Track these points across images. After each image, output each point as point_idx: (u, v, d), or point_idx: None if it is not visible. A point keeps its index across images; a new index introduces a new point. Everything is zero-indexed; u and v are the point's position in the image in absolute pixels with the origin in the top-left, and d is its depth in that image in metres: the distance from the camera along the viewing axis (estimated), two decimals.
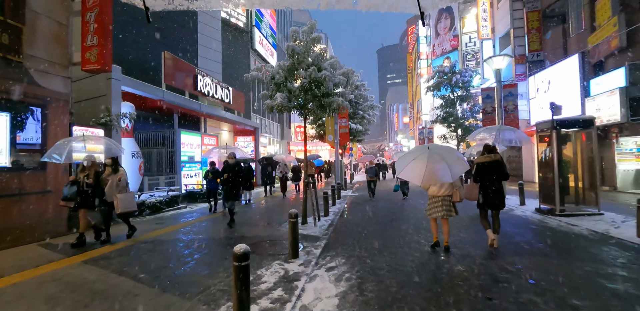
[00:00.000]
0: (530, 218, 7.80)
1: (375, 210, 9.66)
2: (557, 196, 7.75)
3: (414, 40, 58.57)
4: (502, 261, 4.49)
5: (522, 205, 9.53)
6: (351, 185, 19.84)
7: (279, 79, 6.91)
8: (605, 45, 12.26)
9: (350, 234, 6.49)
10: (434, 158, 4.39)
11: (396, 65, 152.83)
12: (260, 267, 4.39)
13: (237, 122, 17.34)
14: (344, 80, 6.83)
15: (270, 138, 24.95)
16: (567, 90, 14.72)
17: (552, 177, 7.85)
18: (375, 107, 19.74)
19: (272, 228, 7.07)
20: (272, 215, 8.86)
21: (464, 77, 16.87)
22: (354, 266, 4.42)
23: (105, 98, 8.33)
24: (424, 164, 4.34)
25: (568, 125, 7.84)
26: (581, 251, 5.04)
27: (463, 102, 17.46)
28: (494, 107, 11.77)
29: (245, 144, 19.57)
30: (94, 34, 6.56)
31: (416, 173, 4.38)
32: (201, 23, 16.31)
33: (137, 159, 9.80)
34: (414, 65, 56.49)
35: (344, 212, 9.48)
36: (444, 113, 18.04)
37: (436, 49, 40.38)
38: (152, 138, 12.37)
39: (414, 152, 4.78)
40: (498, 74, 11.41)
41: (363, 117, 18.81)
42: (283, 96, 6.73)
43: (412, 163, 4.50)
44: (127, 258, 4.90)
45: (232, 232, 6.73)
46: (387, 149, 77.84)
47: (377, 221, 7.82)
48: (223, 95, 15.92)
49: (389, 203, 10.95)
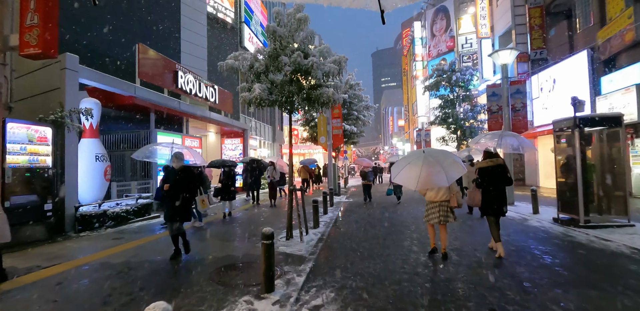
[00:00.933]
0: (551, 231, 6.76)
1: (371, 219, 8.57)
2: (582, 204, 6.73)
3: (409, 43, 58.04)
4: (542, 296, 3.42)
5: (536, 214, 8.51)
6: (345, 189, 18.77)
7: (259, 68, 5.83)
8: (618, 39, 11.38)
9: (343, 252, 5.39)
10: (428, 162, 4.36)
11: (390, 68, 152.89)
12: (221, 308, 3.27)
13: (224, 123, 16.21)
14: (336, 69, 5.75)
15: (260, 141, 23.83)
16: (574, 89, 13.82)
17: (574, 182, 6.85)
18: (371, 107, 18.75)
19: (251, 245, 5.95)
20: (255, 228, 7.70)
21: (464, 76, 15.94)
22: (348, 305, 3.32)
23: (59, 91, 7.17)
24: (419, 168, 4.32)
25: (592, 123, 6.84)
26: (637, 279, 4.00)
27: (463, 102, 16.51)
28: (500, 105, 10.80)
29: (233, 147, 18.42)
30: (35, 11, 5.45)
31: (411, 177, 4.35)
32: (185, 17, 15.23)
33: (101, 163, 8.62)
34: (409, 67, 55.87)
35: (337, 222, 8.39)
36: (443, 114, 17.09)
37: (432, 51, 39.72)
38: (125, 139, 11.18)
39: (409, 157, 4.77)
40: (504, 69, 10.47)
41: (358, 118, 17.79)
42: (262, 87, 5.64)
43: (407, 167, 4.48)
44: None
45: (201, 250, 5.60)
46: (382, 152, 76.98)
47: (374, 234, 6.73)
48: (208, 94, 14.81)
49: (386, 211, 9.88)
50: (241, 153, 18.29)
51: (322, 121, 13.57)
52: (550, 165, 17.20)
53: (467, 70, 16.31)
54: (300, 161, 19.51)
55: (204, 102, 14.81)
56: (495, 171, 4.92)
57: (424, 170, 4.28)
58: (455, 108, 16.79)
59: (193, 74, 13.64)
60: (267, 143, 25.93)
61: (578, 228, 6.70)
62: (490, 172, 4.95)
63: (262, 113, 24.50)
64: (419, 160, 4.44)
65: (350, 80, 18.05)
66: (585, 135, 6.88)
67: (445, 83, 16.59)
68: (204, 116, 14.08)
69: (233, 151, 18.37)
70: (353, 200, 13.34)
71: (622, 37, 11.17)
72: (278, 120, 28.27)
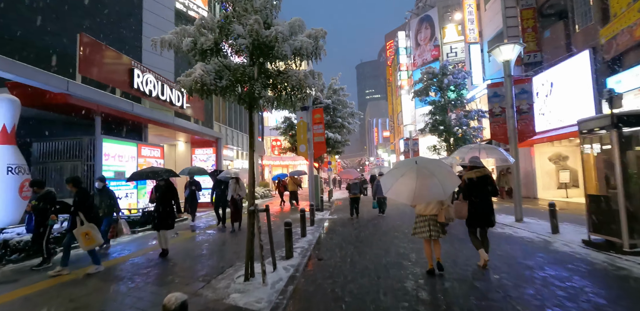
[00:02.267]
0: (592, 260, 5.27)
1: (360, 244, 6.94)
2: (625, 224, 5.28)
3: (393, 53, 57.98)
4: None
5: (556, 234, 7.06)
6: (329, 203, 17.11)
7: (207, 44, 4.21)
8: (625, 36, 10.36)
9: (322, 304, 3.73)
10: (423, 174, 4.13)
11: (375, 80, 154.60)
12: None
13: (193, 130, 14.45)
14: (310, 44, 4.19)
15: (238, 151, 22.06)
16: (574, 92, 12.78)
17: (614, 196, 5.43)
18: (357, 114, 17.37)
19: (185, 291, 4.20)
20: (191, 273, 5.24)
21: (457, 79, 14.75)
22: None
23: None
24: (414, 181, 4.10)
25: (634, 122, 5.48)
26: None
27: (455, 107, 15.30)
28: (503, 107, 9.50)
29: (205, 157, 16.59)
30: None
31: (406, 191, 4.14)
32: (148, 11, 13.62)
33: (16, 175, 6.76)
34: (393, 78, 55.53)
35: (317, 247, 6.72)
36: (433, 121, 15.81)
37: (417, 60, 39.25)
38: (65, 147, 9.30)
39: (401, 168, 4.51)
40: (507, 66, 9.22)
41: (342, 125, 16.36)
42: (208, 69, 4.04)
43: (400, 180, 4.24)
44: None
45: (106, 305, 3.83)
46: (367, 163, 75.97)
47: (364, 268, 5.09)
48: (173, 97, 13.10)
49: (377, 231, 8.27)
50: (214, 165, 16.47)
51: (301, 127, 12.02)
52: (549, 175, 16.03)
53: (459, 73, 15.14)
54: (290, 172, 17.88)
55: (168, 107, 13.08)
56: (482, 182, 4.83)
57: (419, 183, 4.06)
58: (446, 114, 15.55)
59: (155, 74, 11.95)
60: (245, 153, 24.15)
61: (623, 254, 5.24)
62: (477, 183, 4.83)
63: (240, 121, 22.81)
64: (413, 172, 4.18)
65: (333, 84, 16.71)
66: (625, 137, 5.51)
67: (436, 88, 15.37)
68: (167, 122, 12.31)
69: (205, 162, 16.53)
70: (338, 217, 11.68)
71: (630, 33, 10.14)
72: (258, 130, 26.61)
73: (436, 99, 15.70)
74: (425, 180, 4.05)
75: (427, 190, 4.03)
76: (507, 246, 6.29)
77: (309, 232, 8.35)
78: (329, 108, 15.88)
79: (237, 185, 8.82)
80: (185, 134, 15.55)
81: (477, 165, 4.93)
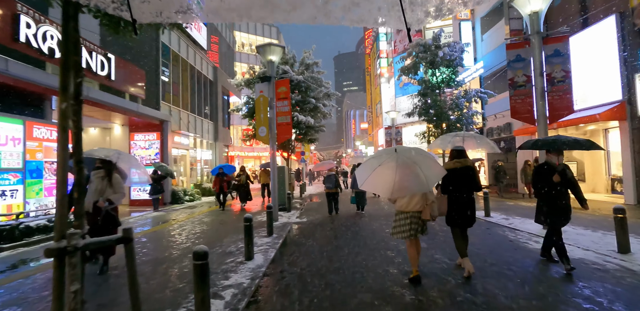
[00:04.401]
0: None
1: (339, 275, 4.33)
2: None
3: (371, 42, 55.64)
4: None
5: (627, 254, 4.73)
6: (301, 200, 14.48)
7: None
8: None
9: None
10: (404, 163, 3.63)
11: (353, 72, 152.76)
12: None
13: (123, 108, 11.31)
14: None
15: (196, 139, 18.90)
16: (594, 67, 10.67)
17: None
18: (333, 95, 14.71)
19: None
20: None
21: (454, 52, 12.30)
22: None
23: None
24: (393, 171, 3.59)
25: None
26: None
27: (450, 87, 12.91)
28: (528, 75, 7.10)
29: (147, 144, 13.49)
30: None
31: (384, 183, 3.67)
32: None
33: None
34: (372, 67, 53.30)
35: (266, 283, 4.06)
36: (422, 103, 13.36)
37: (398, 46, 36.96)
38: None
39: (379, 157, 3.90)
40: (535, 20, 6.81)
41: (316, 107, 13.65)
42: None
43: (378, 170, 3.70)
44: None
45: None
46: (345, 156, 73.86)
47: None
48: (94, 64, 9.96)
49: (362, 244, 5.70)
50: (157, 154, 13.42)
51: (261, 104, 9.23)
52: None
53: (456, 45, 12.68)
54: (261, 164, 15.08)
55: (89, 77, 9.94)
56: (463, 173, 4.18)
57: (399, 173, 3.57)
58: (438, 96, 13.13)
59: (59, 26, 8.74)
60: (207, 142, 21.01)
61: None
62: (457, 175, 4.17)
63: (200, 104, 19.60)
64: (392, 161, 3.67)
65: (306, 58, 13.92)
66: None
67: (426, 63, 12.86)
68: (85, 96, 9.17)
69: (146, 150, 13.46)
70: (308, 219, 9.06)
71: None
72: (222, 117, 23.42)
73: (428, 78, 13.21)
74: (405, 170, 3.60)
75: (408, 181, 3.58)
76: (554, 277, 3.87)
77: (262, 248, 5.67)
78: (300, 86, 13.12)
79: (108, 180, 4.52)
80: (122, 116, 12.41)
81: (459, 150, 4.36)
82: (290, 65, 13.38)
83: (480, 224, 7.17)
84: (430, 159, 3.90)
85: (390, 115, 19.77)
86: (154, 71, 14.26)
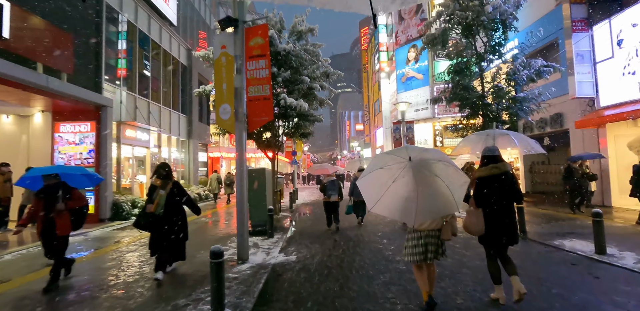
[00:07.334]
0: None
1: None
2: None
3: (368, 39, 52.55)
4: None
5: None
6: (291, 213, 10.85)
7: None
8: None
9: None
10: (424, 179, 2.80)
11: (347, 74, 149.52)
12: None
13: (27, 83, 7.59)
14: None
15: (161, 135, 15.14)
16: None
17: None
18: (333, 74, 11.14)
19: None
20: None
21: (508, 8, 8.71)
22: None
23: None
24: (411, 189, 2.75)
25: None
26: None
27: (499, 59, 9.33)
28: None
29: (77, 138, 9.72)
30: None
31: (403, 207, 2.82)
32: None
33: None
34: (370, 63, 50.05)
35: None
36: (455, 85, 9.80)
37: (400, 37, 33.84)
38: None
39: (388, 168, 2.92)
40: None
41: (311, 89, 10.05)
42: None
43: (392, 189, 2.82)
44: None
45: None
46: (340, 158, 70.35)
47: None
48: None
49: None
50: (92, 151, 9.68)
51: (222, 67, 5.62)
52: (629, 172, 9.98)
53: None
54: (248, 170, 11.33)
55: None
56: (501, 182, 3.30)
57: (421, 193, 2.73)
58: (478, 73, 9.57)
59: None
60: (177, 140, 17.23)
61: None
62: (494, 184, 3.30)
63: (167, 92, 15.82)
64: (407, 174, 2.79)
65: (298, 24, 10.35)
66: None
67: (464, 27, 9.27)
68: None
69: (76, 146, 9.71)
70: (300, 256, 5.40)
71: None
72: (198, 111, 19.68)
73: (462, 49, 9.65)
74: (427, 189, 2.78)
75: (434, 201, 2.81)
76: None
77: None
78: (290, 61, 9.53)
79: None
80: (41, 98, 8.71)
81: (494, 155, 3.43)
82: (278, 30, 9.81)
83: (610, 274, 3.67)
84: (451, 166, 2.96)
85: (400, 107, 16.26)
86: (94, 41, 10.54)
